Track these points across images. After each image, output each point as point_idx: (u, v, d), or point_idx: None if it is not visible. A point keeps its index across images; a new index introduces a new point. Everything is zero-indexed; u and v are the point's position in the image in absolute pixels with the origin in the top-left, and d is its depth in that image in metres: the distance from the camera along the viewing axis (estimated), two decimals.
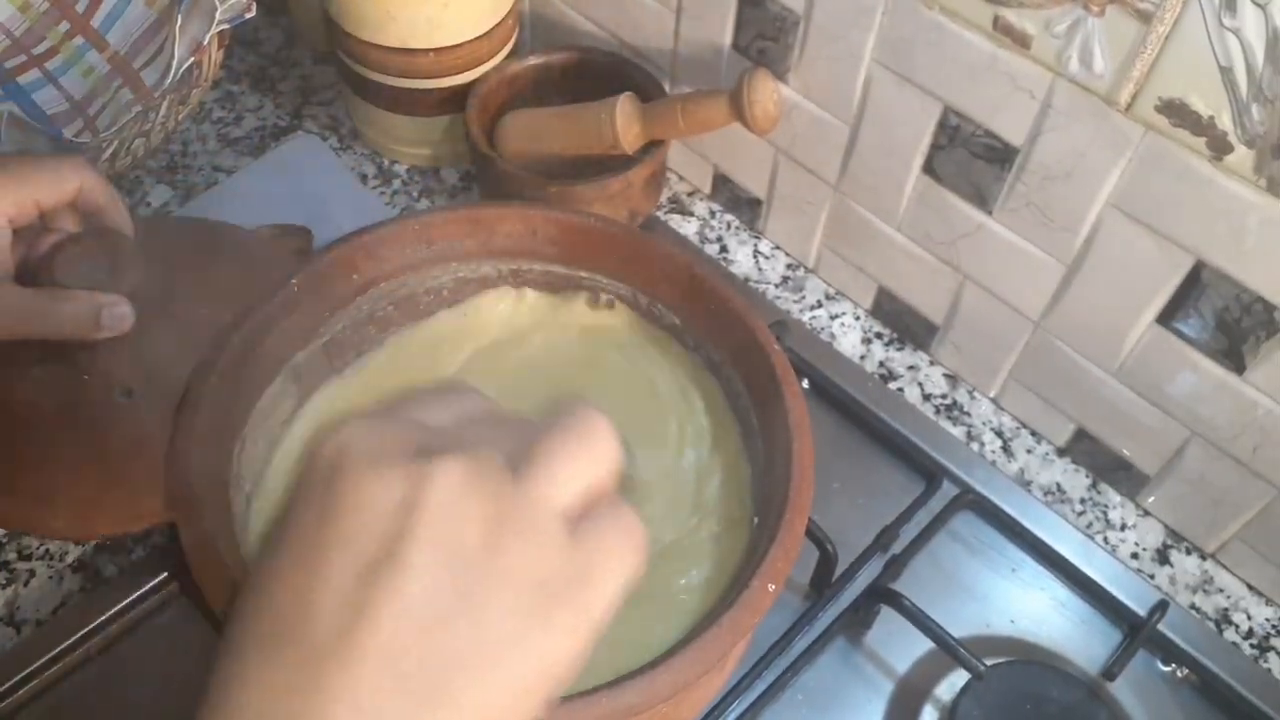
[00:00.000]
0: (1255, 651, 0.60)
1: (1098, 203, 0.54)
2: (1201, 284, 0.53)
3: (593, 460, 0.31)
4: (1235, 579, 0.62)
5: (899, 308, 0.70)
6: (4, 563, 0.59)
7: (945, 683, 0.57)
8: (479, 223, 0.53)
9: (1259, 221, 0.49)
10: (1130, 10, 0.47)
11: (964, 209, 0.61)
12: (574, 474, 0.31)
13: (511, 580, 0.29)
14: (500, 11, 0.72)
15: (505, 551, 0.29)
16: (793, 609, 0.58)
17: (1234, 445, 0.57)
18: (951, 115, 0.58)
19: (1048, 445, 0.67)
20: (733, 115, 0.62)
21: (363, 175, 0.78)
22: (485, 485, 0.29)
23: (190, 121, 0.79)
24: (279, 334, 0.49)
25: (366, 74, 0.72)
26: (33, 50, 0.78)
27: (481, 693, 0.28)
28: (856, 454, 0.65)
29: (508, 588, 0.28)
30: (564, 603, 0.29)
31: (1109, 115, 0.51)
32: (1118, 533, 0.64)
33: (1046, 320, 0.61)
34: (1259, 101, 0.46)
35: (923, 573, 0.60)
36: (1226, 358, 0.54)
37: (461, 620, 0.28)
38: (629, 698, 0.37)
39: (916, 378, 0.70)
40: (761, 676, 0.55)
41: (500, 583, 0.28)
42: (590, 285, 0.55)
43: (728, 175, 0.75)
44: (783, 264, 0.74)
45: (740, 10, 0.64)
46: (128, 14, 0.76)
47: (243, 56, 0.85)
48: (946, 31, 0.55)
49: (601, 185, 0.67)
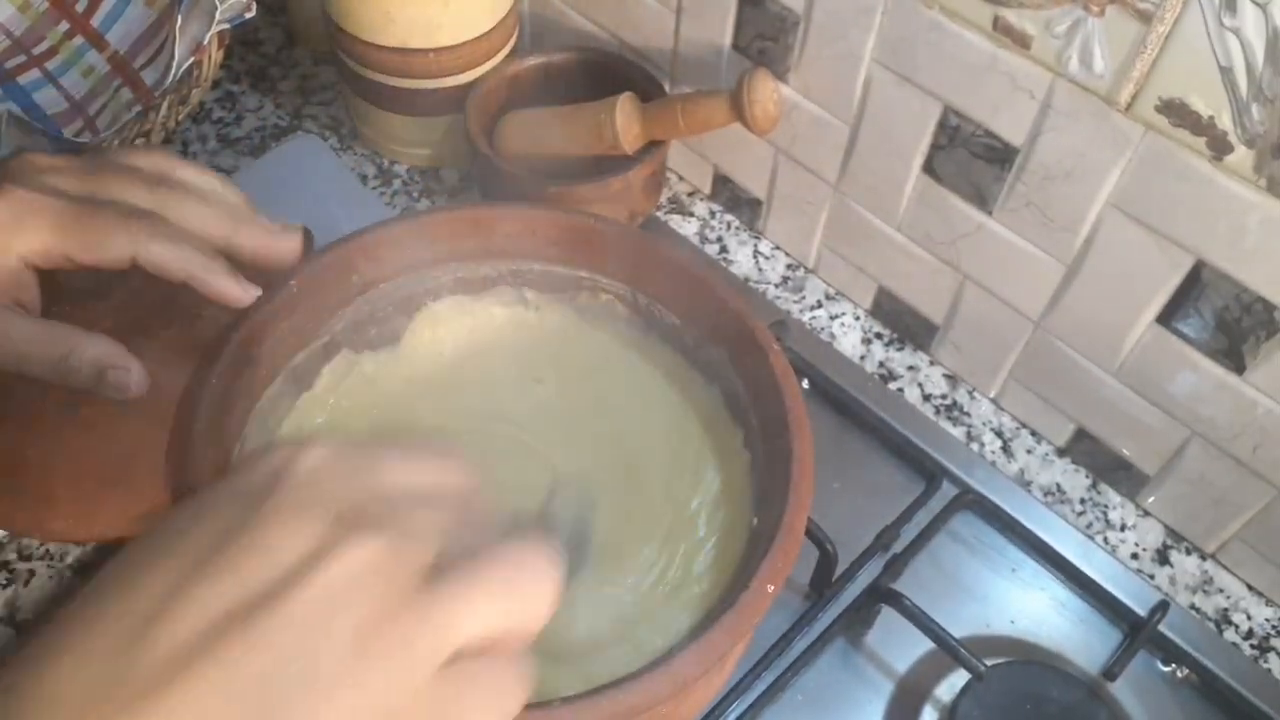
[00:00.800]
0: (1255, 651, 0.60)
1: (1098, 203, 0.54)
2: (1201, 284, 0.53)
3: (512, 609, 0.29)
4: (1235, 579, 0.62)
5: (899, 308, 0.70)
6: (4, 563, 0.59)
7: (945, 683, 0.57)
8: (478, 223, 0.53)
9: (1259, 221, 0.49)
10: (1130, 10, 0.47)
11: (964, 209, 0.61)
12: (485, 613, 0.28)
13: (356, 696, 0.27)
14: (500, 11, 0.72)
15: (365, 664, 0.27)
16: (793, 609, 0.58)
17: (1234, 445, 0.57)
18: (951, 115, 0.58)
19: (1048, 445, 0.67)
20: (733, 115, 0.62)
21: (363, 175, 0.78)
22: (388, 584, 0.27)
23: (190, 121, 0.79)
24: (279, 335, 0.49)
25: (366, 74, 0.72)
26: (33, 50, 0.78)
27: None
28: (856, 454, 0.65)
29: (347, 703, 0.26)
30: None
31: (1109, 115, 0.51)
32: (1118, 533, 0.64)
33: (1046, 320, 0.61)
34: (1259, 101, 0.46)
35: (923, 573, 0.60)
36: (1226, 358, 0.54)
37: (292, 710, 0.26)
38: (630, 698, 0.37)
39: (916, 378, 0.70)
40: (761, 677, 0.55)
41: (345, 694, 0.26)
42: (590, 285, 0.55)
43: (728, 175, 0.75)
44: (783, 264, 0.74)
45: (740, 10, 0.64)
46: (128, 14, 0.76)
47: (243, 56, 0.85)
48: (946, 31, 0.55)
49: (601, 185, 0.67)
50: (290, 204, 0.73)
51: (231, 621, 0.26)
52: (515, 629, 0.29)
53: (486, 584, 0.29)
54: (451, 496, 0.31)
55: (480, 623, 0.28)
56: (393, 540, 0.28)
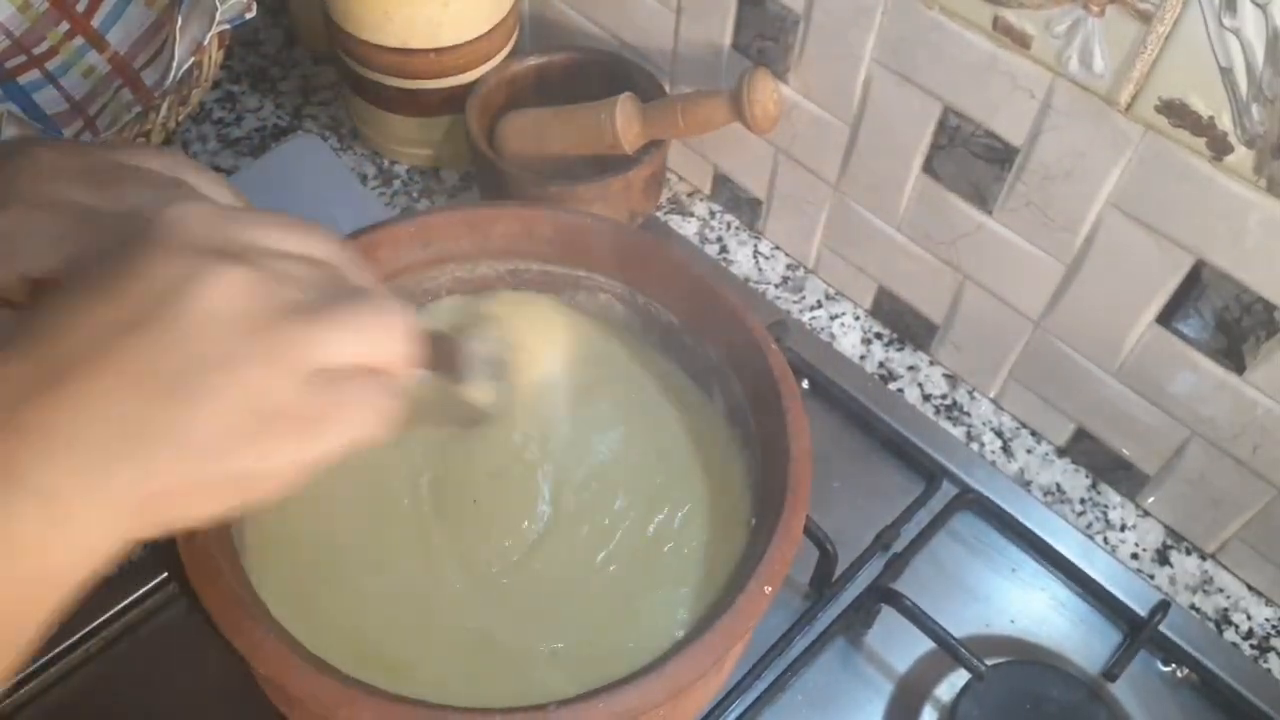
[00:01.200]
0: (1255, 651, 0.60)
1: (1098, 203, 0.54)
2: (1201, 284, 0.53)
3: (369, 339, 0.33)
4: (1235, 579, 0.62)
5: (899, 308, 0.70)
6: None
7: (945, 683, 0.57)
8: (475, 223, 0.53)
9: (1259, 221, 0.49)
10: (1130, 10, 0.47)
11: (964, 209, 0.61)
12: (344, 339, 0.32)
13: (231, 394, 0.30)
14: (500, 11, 0.71)
15: (241, 365, 0.30)
16: (793, 609, 0.58)
17: (1234, 445, 0.57)
18: (951, 115, 0.58)
19: (1048, 445, 0.67)
20: (733, 115, 0.62)
21: (363, 175, 0.78)
22: (253, 306, 0.31)
23: (190, 121, 0.79)
24: None
25: (366, 74, 0.72)
26: (33, 50, 0.78)
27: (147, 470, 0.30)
28: (856, 454, 0.65)
29: (225, 399, 0.30)
30: (280, 428, 0.31)
31: (1109, 115, 0.51)
32: (1118, 533, 0.64)
33: (1046, 320, 0.61)
34: (1259, 101, 0.45)
35: (923, 573, 0.60)
36: (1226, 358, 0.54)
37: (172, 403, 0.30)
38: (626, 701, 0.37)
39: (916, 378, 0.69)
40: (761, 677, 0.55)
41: (226, 388, 0.30)
42: (587, 284, 0.55)
43: (728, 175, 0.75)
44: (783, 264, 0.74)
45: (740, 10, 0.64)
46: (128, 14, 0.76)
47: (243, 56, 0.85)
48: (946, 31, 0.54)
49: (601, 185, 0.67)
50: (290, 204, 0.73)
51: (121, 327, 0.30)
52: (378, 362, 0.34)
53: (344, 320, 0.33)
54: (319, 258, 0.35)
55: (340, 347, 0.32)
56: (260, 273, 0.32)
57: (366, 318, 0.33)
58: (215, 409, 0.30)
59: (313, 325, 0.32)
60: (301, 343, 0.31)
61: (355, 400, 0.33)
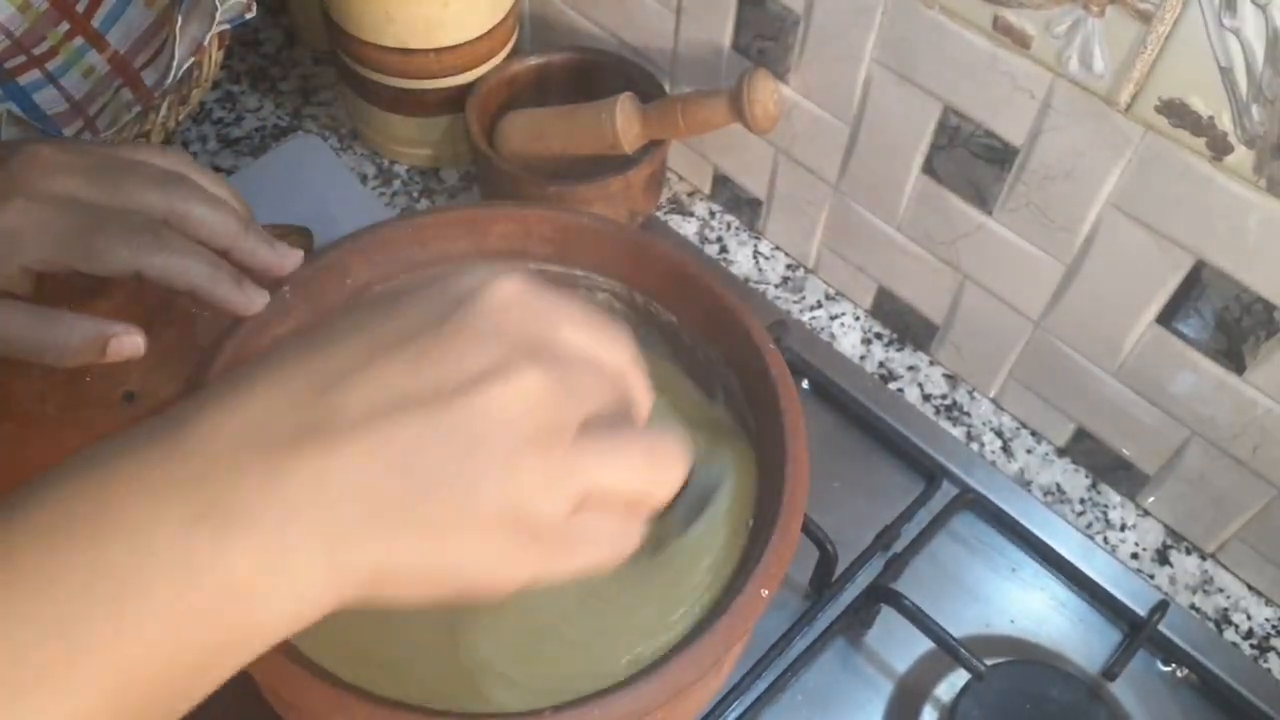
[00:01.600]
0: (1255, 651, 0.60)
1: (1098, 203, 0.54)
2: (1201, 284, 0.53)
3: (643, 478, 0.33)
4: (1235, 579, 0.62)
5: (899, 308, 0.70)
6: None
7: (945, 683, 0.57)
8: (473, 224, 0.53)
9: (1259, 221, 0.49)
10: (1130, 10, 0.47)
11: (964, 209, 0.61)
12: (621, 475, 0.32)
13: (499, 501, 0.30)
14: (500, 11, 0.71)
15: (514, 477, 0.30)
16: (792, 609, 0.58)
17: (1234, 445, 0.57)
18: (951, 115, 0.58)
19: (1048, 445, 0.67)
20: (733, 115, 0.62)
21: (363, 175, 0.78)
22: (548, 419, 0.30)
23: (190, 121, 0.79)
24: (273, 340, 0.49)
25: (366, 74, 0.72)
26: (33, 50, 0.78)
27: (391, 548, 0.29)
28: (856, 454, 0.65)
29: (492, 503, 0.30)
30: (532, 545, 0.31)
31: (1109, 115, 0.51)
32: (1118, 533, 0.64)
33: (1046, 320, 0.61)
34: (1259, 101, 0.45)
35: (923, 573, 0.60)
36: (1226, 358, 0.54)
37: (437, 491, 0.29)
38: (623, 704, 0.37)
39: (916, 378, 0.69)
40: (761, 677, 0.55)
41: (489, 496, 0.30)
42: (586, 284, 0.54)
43: (728, 175, 0.75)
44: (783, 264, 0.74)
45: (740, 10, 0.64)
46: (128, 14, 0.76)
47: (243, 56, 0.85)
48: (946, 31, 0.54)
49: (601, 185, 0.67)
50: (290, 204, 0.73)
51: (412, 401, 0.29)
52: (641, 497, 0.33)
53: (628, 451, 0.32)
54: (610, 370, 0.34)
55: (614, 479, 0.32)
56: (559, 384, 0.31)
57: (646, 457, 0.33)
58: (479, 510, 0.30)
59: (594, 455, 0.31)
60: (580, 471, 0.31)
61: (611, 535, 0.33)
